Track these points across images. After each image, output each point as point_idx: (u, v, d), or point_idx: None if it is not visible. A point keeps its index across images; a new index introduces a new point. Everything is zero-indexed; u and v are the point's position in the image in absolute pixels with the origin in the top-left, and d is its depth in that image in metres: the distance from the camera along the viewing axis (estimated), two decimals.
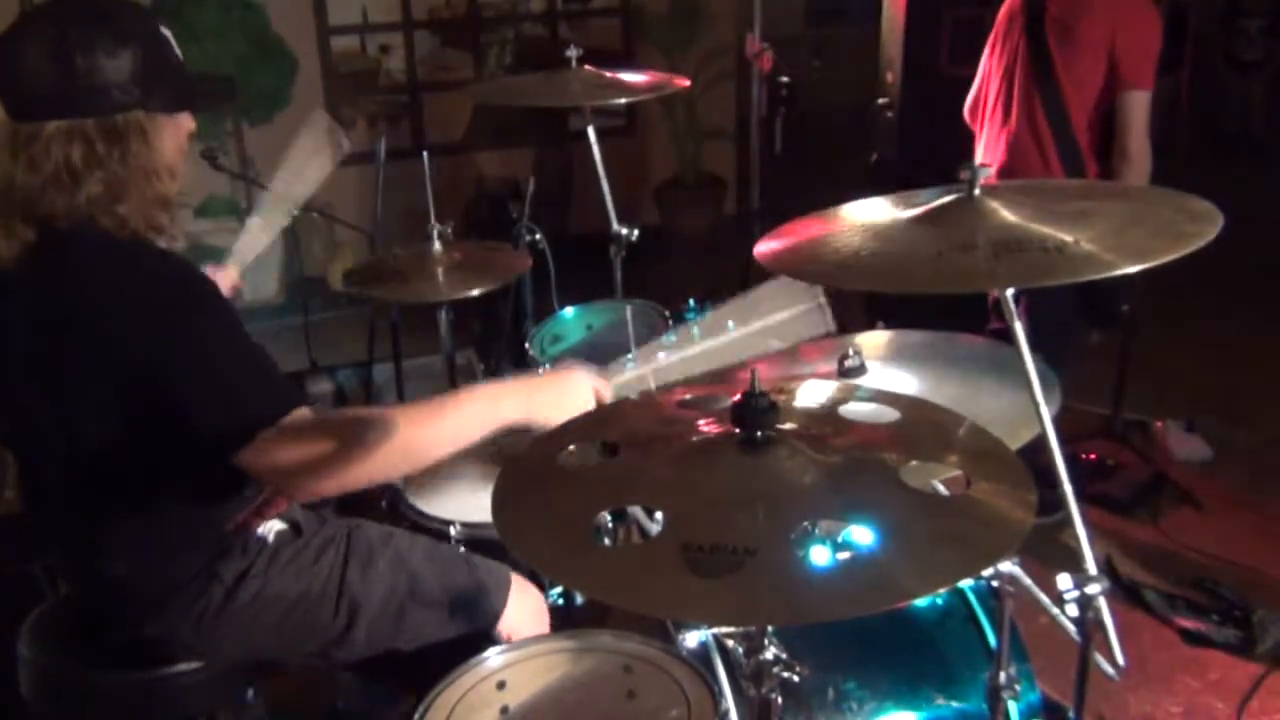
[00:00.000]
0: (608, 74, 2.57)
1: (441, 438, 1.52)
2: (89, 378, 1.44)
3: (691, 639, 1.57)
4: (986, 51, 3.07)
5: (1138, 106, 2.73)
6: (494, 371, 3.48)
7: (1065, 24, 2.80)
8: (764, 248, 1.43)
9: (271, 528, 1.67)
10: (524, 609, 1.78)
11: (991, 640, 1.60)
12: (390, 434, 1.45)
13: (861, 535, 1.06)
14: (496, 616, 1.74)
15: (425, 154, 2.61)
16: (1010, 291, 1.34)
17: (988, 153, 3.01)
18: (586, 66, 2.58)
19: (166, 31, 1.53)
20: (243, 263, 2.19)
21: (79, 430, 1.49)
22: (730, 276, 4.15)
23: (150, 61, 1.47)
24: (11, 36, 1.45)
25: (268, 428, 1.39)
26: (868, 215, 1.45)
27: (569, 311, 2.62)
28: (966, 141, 3.13)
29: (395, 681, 1.86)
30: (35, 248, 1.46)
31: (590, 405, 1.59)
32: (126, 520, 1.54)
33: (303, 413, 1.43)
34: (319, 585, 1.66)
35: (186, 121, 1.57)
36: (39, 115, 1.43)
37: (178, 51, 1.55)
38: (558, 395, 1.57)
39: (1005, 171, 2.89)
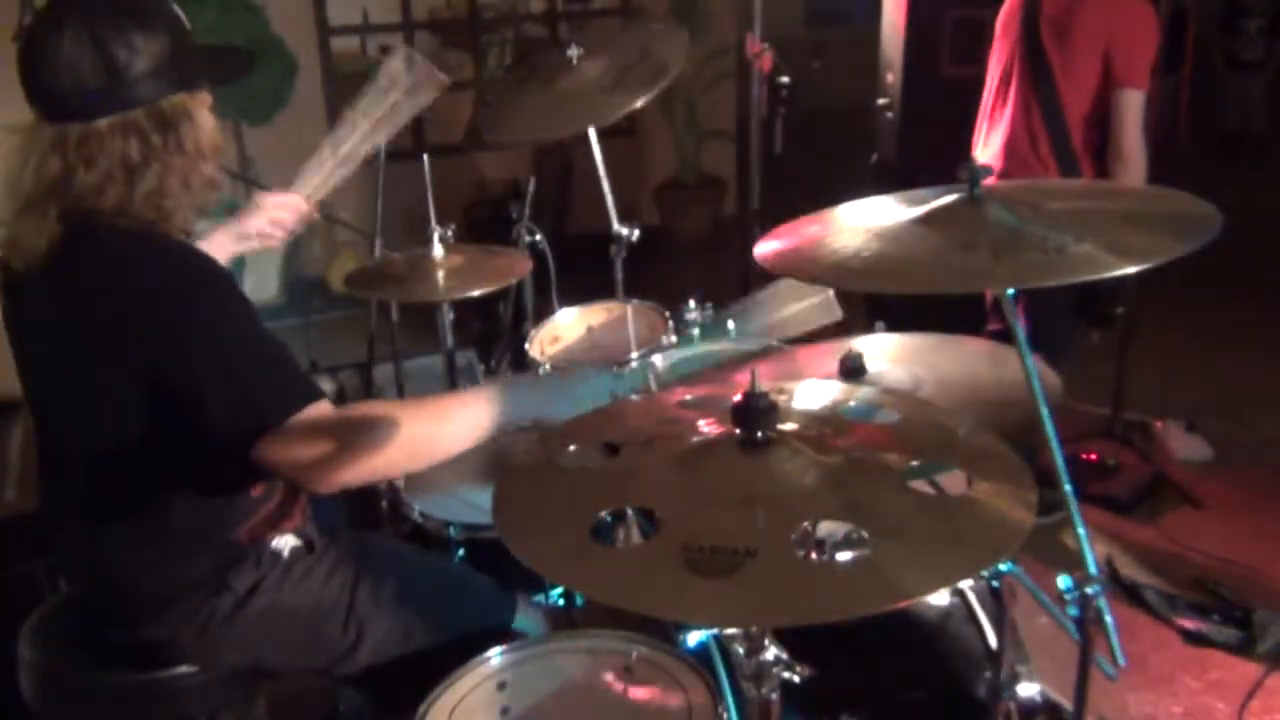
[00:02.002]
0: None
1: (456, 433, 1.53)
2: (109, 372, 1.44)
3: (692, 639, 1.57)
4: (990, 54, 3.07)
5: (1132, 105, 2.73)
6: (494, 372, 3.48)
7: (1060, 24, 2.80)
8: (764, 248, 1.43)
9: (286, 543, 1.66)
10: (529, 632, 1.77)
11: (991, 640, 1.60)
12: (402, 429, 1.46)
13: (862, 535, 1.06)
14: (502, 640, 1.73)
15: (425, 157, 2.61)
16: (1010, 291, 1.34)
17: (985, 153, 3.01)
18: None
19: (177, 8, 1.52)
20: (309, 192, 2.16)
21: (97, 426, 1.49)
22: (730, 276, 4.15)
23: (178, 41, 1.46)
24: (39, 41, 1.42)
25: (283, 423, 1.39)
26: (868, 215, 1.45)
27: (569, 312, 2.62)
28: (967, 141, 3.13)
29: (396, 692, 1.86)
30: (61, 242, 1.45)
31: (602, 400, 1.59)
32: (136, 521, 1.54)
33: (322, 406, 1.43)
34: (329, 602, 1.66)
35: (206, 96, 1.56)
36: (87, 115, 1.42)
37: (188, 25, 1.53)
38: (570, 393, 1.57)
39: (1001, 172, 2.89)
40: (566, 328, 2.57)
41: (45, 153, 1.43)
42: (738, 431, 1.17)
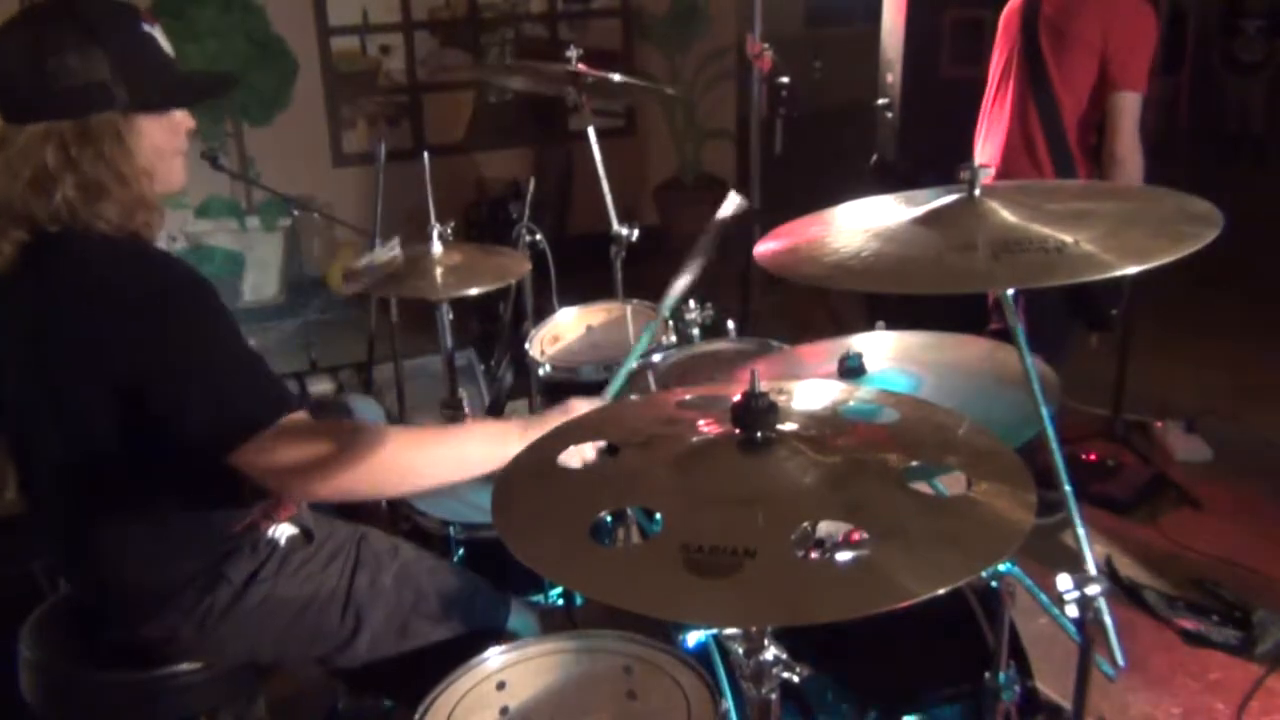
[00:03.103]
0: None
1: (439, 464, 1.53)
2: (82, 379, 1.44)
3: (691, 639, 1.57)
4: (991, 56, 3.08)
5: (1128, 108, 2.73)
6: (494, 371, 3.48)
7: (1058, 26, 2.80)
8: (764, 248, 1.43)
9: (283, 532, 1.67)
10: (522, 630, 1.78)
11: (991, 641, 1.60)
12: (385, 449, 1.46)
13: (861, 535, 1.06)
14: (497, 638, 1.73)
15: (425, 155, 2.61)
16: (1010, 292, 1.34)
17: (983, 153, 3.02)
18: (582, 66, 2.59)
19: (151, 28, 1.52)
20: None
21: (75, 433, 1.48)
22: (730, 276, 4.15)
23: (128, 61, 1.46)
24: None
25: (260, 431, 1.39)
26: (868, 216, 1.45)
27: (569, 311, 2.62)
28: (966, 142, 3.13)
29: (394, 689, 1.86)
30: (28, 249, 1.46)
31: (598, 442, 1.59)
32: (126, 523, 1.53)
33: (297, 416, 1.43)
34: (327, 591, 1.66)
35: (183, 120, 1.56)
36: (19, 119, 1.44)
37: (166, 48, 1.53)
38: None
39: (999, 173, 2.89)
40: (566, 328, 2.57)
41: None
42: (737, 431, 1.17)
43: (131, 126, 1.48)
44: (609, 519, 1.81)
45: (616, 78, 2.63)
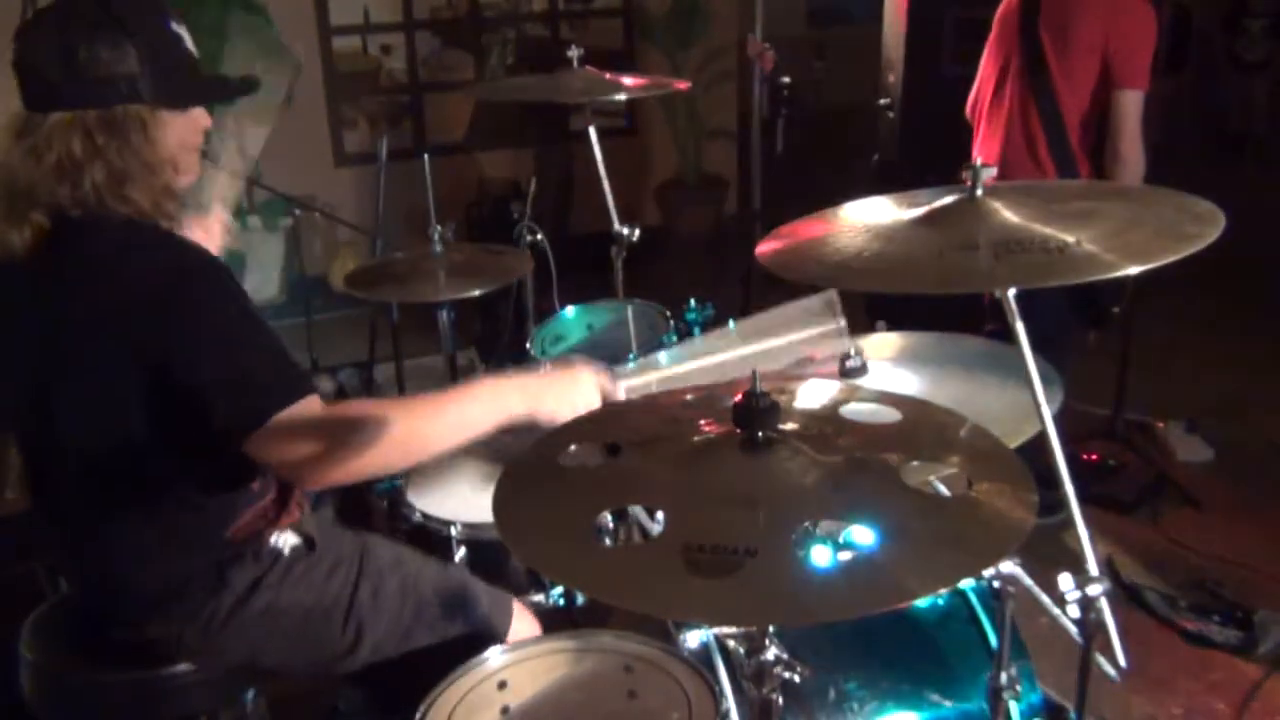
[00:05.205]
0: (608, 76, 2.58)
1: (446, 431, 1.54)
2: (101, 365, 1.45)
3: (692, 639, 1.57)
4: (985, 51, 3.07)
5: (1130, 106, 2.73)
6: (495, 371, 3.48)
7: (1059, 24, 2.80)
8: (765, 247, 1.43)
9: (286, 540, 1.67)
10: (524, 635, 1.78)
11: (992, 641, 1.60)
12: (395, 426, 1.46)
13: (862, 535, 1.06)
14: (499, 643, 1.73)
15: (426, 156, 2.61)
16: (1012, 292, 1.34)
17: (982, 152, 3.01)
18: (588, 67, 2.59)
19: (179, 28, 1.54)
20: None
21: (90, 422, 1.49)
22: (731, 276, 4.16)
23: (156, 56, 1.48)
24: (26, 30, 1.48)
25: (278, 414, 1.40)
26: (869, 215, 1.45)
27: (570, 311, 2.62)
28: (968, 141, 3.13)
29: (395, 691, 1.86)
30: (49, 235, 1.47)
31: (595, 403, 1.59)
32: (133, 518, 1.54)
33: (313, 401, 1.44)
34: (329, 601, 1.66)
35: (200, 117, 1.58)
36: (45, 106, 1.46)
37: (190, 47, 1.56)
38: (563, 392, 1.58)
39: (999, 173, 2.89)
40: (568, 327, 2.57)
41: (10, 139, 1.47)
42: (739, 431, 1.17)
43: (156, 119, 1.50)
44: (610, 519, 1.81)
45: (623, 96, 2.62)
